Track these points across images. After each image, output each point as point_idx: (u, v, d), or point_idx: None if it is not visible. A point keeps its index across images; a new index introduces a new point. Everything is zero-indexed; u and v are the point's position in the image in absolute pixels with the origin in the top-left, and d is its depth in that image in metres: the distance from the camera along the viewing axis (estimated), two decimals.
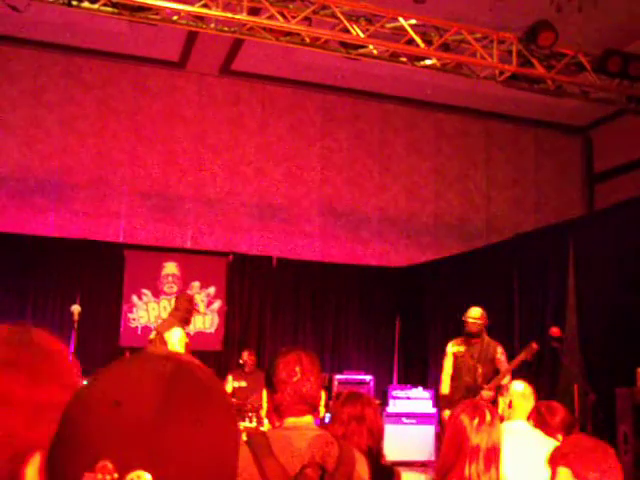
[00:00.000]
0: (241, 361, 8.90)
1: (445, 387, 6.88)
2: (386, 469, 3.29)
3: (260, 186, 11.20)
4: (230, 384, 8.75)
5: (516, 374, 6.77)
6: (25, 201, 10.04)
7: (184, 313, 6.65)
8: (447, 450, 2.57)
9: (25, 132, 10.23)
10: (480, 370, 6.56)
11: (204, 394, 0.78)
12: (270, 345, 10.35)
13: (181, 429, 0.74)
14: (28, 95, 10.29)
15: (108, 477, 0.70)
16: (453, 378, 6.80)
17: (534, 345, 6.29)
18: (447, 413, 6.64)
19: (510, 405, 3.52)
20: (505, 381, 6.19)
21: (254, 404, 7.80)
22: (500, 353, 6.62)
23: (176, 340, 6.34)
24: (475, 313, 6.81)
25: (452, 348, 6.91)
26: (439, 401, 7.16)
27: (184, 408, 0.75)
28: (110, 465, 0.70)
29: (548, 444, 3.45)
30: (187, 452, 0.73)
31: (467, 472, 2.45)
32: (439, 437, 6.84)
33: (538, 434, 3.54)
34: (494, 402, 5.59)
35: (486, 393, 6.33)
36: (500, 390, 3.91)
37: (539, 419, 3.79)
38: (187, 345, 6.42)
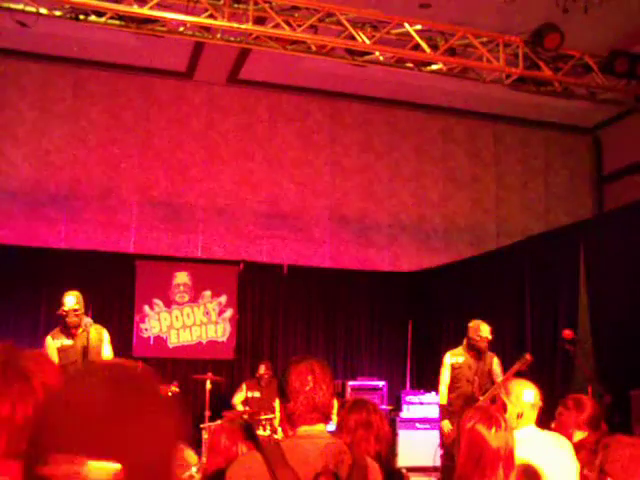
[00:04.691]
0: (257, 375, 8.87)
1: (443, 398, 6.94)
2: (395, 474, 3.29)
3: (270, 194, 11.22)
4: (244, 392, 8.75)
5: (529, 377, 6.74)
6: (36, 213, 10.10)
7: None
8: (465, 461, 2.55)
9: (35, 145, 10.29)
10: (477, 381, 6.60)
11: (143, 392, 0.93)
12: (282, 352, 10.34)
13: (126, 422, 0.87)
14: (37, 108, 10.35)
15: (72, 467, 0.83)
16: (451, 389, 6.86)
17: (528, 356, 6.17)
18: (446, 423, 6.67)
19: (520, 416, 3.47)
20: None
21: (267, 413, 7.78)
22: (496, 364, 6.65)
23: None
24: (486, 331, 6.82)
25: (450, 359, 6.98)
26: (439, 412, 7.18)
27: (128, 404, 0.89)
28: (62, 457, 0.83)
29: (563, 446, 3.43)
30: (132, 442, 0.87)
31: None
32: (444, 445, 6.80)
33: (551, 437, 3.52)
34: None
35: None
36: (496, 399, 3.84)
37: (566, 413, 3.74)
38: (59, 350, 6.25)
